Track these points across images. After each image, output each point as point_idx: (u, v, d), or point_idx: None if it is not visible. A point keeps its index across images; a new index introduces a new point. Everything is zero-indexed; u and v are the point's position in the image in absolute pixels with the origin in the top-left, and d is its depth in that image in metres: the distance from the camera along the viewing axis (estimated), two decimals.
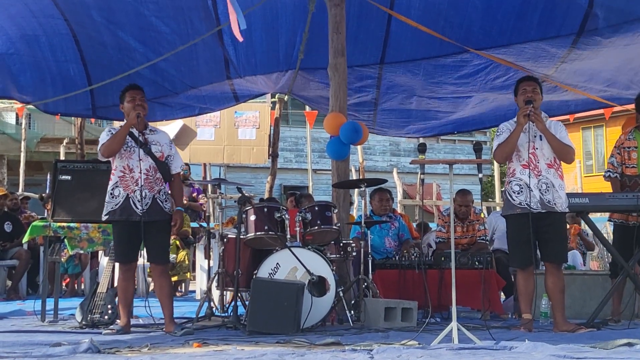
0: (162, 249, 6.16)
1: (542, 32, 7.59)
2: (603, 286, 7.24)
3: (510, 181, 6.15)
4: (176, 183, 6.24)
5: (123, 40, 8.07)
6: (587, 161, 25.67)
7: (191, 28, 7.91)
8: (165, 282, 6.16)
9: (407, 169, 24.04)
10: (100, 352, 4.56)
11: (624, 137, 6.96)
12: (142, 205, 5.91)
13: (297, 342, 5.07)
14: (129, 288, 6.07)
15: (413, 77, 8.69)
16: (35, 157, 19.44)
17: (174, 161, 6.20)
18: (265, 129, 16.01)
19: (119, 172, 6.02)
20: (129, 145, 6.00)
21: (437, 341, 4.94)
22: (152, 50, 8.16)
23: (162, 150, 6.12)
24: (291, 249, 6.37)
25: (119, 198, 5.97)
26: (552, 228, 6.07)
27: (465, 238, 8.22)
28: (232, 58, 8.41)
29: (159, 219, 6.00)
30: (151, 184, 5.99)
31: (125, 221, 5.94)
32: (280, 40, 8.27)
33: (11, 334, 5.74)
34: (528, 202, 5.98)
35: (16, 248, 10.03)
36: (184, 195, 8.53)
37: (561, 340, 5.02)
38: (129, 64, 8.29)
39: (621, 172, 6.89)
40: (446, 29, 7.84)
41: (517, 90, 6.27)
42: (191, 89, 8.88)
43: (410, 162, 5.78)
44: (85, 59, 8.25)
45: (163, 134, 6.34)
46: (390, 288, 7.30)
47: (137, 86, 6.32)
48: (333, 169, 7.67)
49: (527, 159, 6.04)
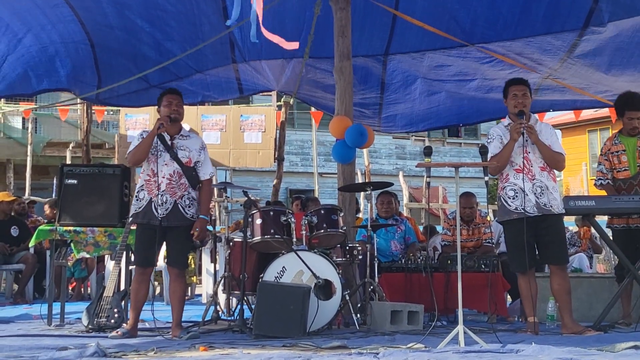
0: (181, 253, 6.16)
1: (547, 26, 7.60)
2: (610, 289, 7.22)
3: (504, 187, 6.14)
4: (204, 190, 6.18)
5: (130, 19, 8.08)
6: (594, 164, 25.59)
7: (197, 8, 7.93)
8: (179, 286, 6.16)
9: (413, 172, 24.00)
10: (107, 355, 4.56)
11: (610, 142, 6.98)
12: (162, 211, 5.92)
13: (303, 346, 5.07)
14: (141, 291, 6.06)
15: (418, 63, 8.71)
16: (41, 161, 19.46)
17: (203, 168, 6.15)
18: (271, 132, 16.03)
19: (145, 175, 6.05)
20: (158, 149, 6.01)
21: (443, 344, 4.93)
22: (158, 30, 8.19)
23: (190, 156, 6.09)
24: (297, 252, 6.37)
25: (143, 201, 6.00)
26: (551, 230, 6.08)
27: (471, 241, 8.21)
28: (237, 40, 8.41)
29: (179, 225, 5.99)
30: (174, 189, 5.99)
31: (147, 224, 5.97)
32: (287, 26, 8.25)
33: (18, 338, 5.74)
34: (524, 207, 5.99)
35: (23, 252, 10.03)
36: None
37: (567, 343, 5.00)
38: (135, 45, 8.32)
39: (612, 178, 6.89)
40: (451, 23, 7.85)
41: (506, 93, 6.27)
42: (196, 72, 8.90)
43: (417, 165, 5.78)
44: (92, 41, 8.27)
45: (196, 139, 6.30)
46: (397, 291, 7.29)
47: (174, 90, 6.33)
48: (339, 172, 7.67)
49: (520, 164, 6.05)
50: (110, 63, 8.55)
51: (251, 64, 8.87)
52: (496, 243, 8.59)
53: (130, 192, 6.93)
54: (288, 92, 10.13)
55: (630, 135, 6.88)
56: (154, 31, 8.25)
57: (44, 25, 7.93)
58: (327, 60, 8.35)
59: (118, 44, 8.40)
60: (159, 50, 8.43)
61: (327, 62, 8.39)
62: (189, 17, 8.03)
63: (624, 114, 6.90)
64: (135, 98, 9.42)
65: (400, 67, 8.91)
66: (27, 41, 8.05)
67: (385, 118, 10.05)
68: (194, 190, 6.09)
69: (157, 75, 8.73)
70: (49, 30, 8.01)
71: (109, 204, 6.82)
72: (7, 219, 10.22)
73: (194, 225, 6.03)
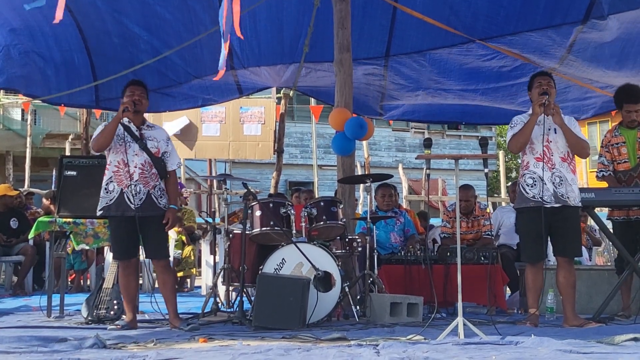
0: (159, 244, 6.10)
1: (547, 19, 7.58)
2: (609, 281, 7.22)
3: (524, 174, 6.12)
4: (172, 181, 6.15)
5: (127, 27, 8.08)
6: (593, 156, 25.52)
7: (194, 16, 7.92)
8: (168, 277, 6.13)
9: (413, 165, 24.05)
10: (106, 347, 4.56)
11: (610, 134, 6.98)
12: (137, 201, 5.87)
13: (302, 338, 5.07)
14: (130, 284, 6.02)
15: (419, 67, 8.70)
16: (40, 153, 19.48)
17: (170, 158, 6.13)
18: (271, 124, 16.01)
19: (113, 166, 5.97)
20: (125, 140, 5.94)
21: (443, 336, 4.94)
22: (156, 38, 8.18)
23: (159, 147, 6.05)
24: (297, 244, 6.37)
25: (114, 193, 5.92)
26: (566, 223, 6.03)
27: (471, 233, 8.21)
28: (235, 48, 8.40)
29: (153, 214, 5.93)
30: (146, 179, 5.94)
31: (121, 217, 5.90)
32: (285, 32, 8.26)
33: (17, 329, 5.74)
34: (541, 196, 5.95)
35: (22, 244, 10.04)
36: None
37: (567, 335, 5.00)
38: (133, 52, 8.30)
39: (613, 170, 6.89)
40: (452, 18, 7.84)
41: (531, 84, 6.25)
42: (195, 78, 8.89)
43: (416, 157, 5.77)
44: (89, 48, 8.26)
45: (160, 130, 6.30)
46: (396, 283, 7.30)
47: (138, 81, 6.28)
48: (338, 164, 7.66)
49: (541, 152, 6.00)
50: (107, 70, 8.47)
51: (250, 69, 8.86)
52: (495, 235, 8.60)
53: None
54: (288, 86, 10.11)
55: (630, 127, 6.88)
56: (152, 39, 8.23)
57: (42, 27, 7.91)
58: (326, 65, 8.33)
59: (115, 52, 8.36)
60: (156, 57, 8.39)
61: (326, 66, 8.37)
62: (187, 25, 8.01)
63: (623, 106, 6.90)
64: None
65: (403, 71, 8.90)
66: (23, 39, 8.03)
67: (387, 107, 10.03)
68: (162, 180, 6.06)
69: (156, 81, 8.68)
70: (46, 32, 7.99)
71: None
72: (6, 211, 10.21)
73: (165, 215, 5.97)
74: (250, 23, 8.02)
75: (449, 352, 4.22)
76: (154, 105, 7.86)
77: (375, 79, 9.13)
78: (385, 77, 8.99)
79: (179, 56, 8.42)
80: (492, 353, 4.17)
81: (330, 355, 4.11)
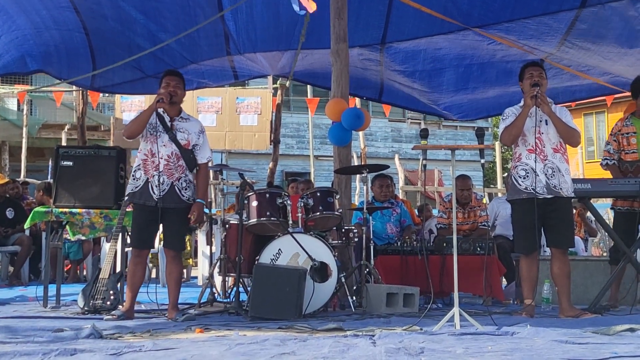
0: (177, 235, 6.11)
1: (544, 6, 7.56)
2: (605, 272, 7.25)
3: (516, 166, 6.12)
4: (201, 173, 6.13)
5: (124, 11, 8.04)
6: (589, 147, 25.64)
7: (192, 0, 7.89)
8: (175, 268, 6.12)
9: (409, 155, 24.04)
10: (103, 337, 4.56)
11: (621, 123, 6.96)
12: (159, 191, 5.89)
13: (299, 328, 5.07)
14: (137, 273, 6.03)
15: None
16: (36, 143, 19.42)
17: (201, 151, 6.11)
18: (267, 115, 16.00)
19: (142, 155, 6.01)
20: (157, 130, 5.97)
21: (439, 326, 4.95)
22: (153, 21, 8.14)
23: (189, 139, 6.04)
24: (293, 235, 6.37)
25: (140, 181, 5.96)
26: (559, 213, 6.04)
27: (467, 224, 8.22)
28: (232, 33, 8.38)
29: (175, 206, 5.95)
30: (171, 171, 5.95)
31: (143, 205, 5.93)
32: (282, 17, 8.22)
33: (13, 319, 5.73)
34: (534, 187, 5.96)
35: (18, 234, 10.03)
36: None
37: (563, 326, 5.02)
38: (129, 36, 8.27)
39: (619, 159, 6.89)
40: (448, 4, 7.82)
41: (522, 74, 6.24)
42: (191, 63, 8.86)
43: (412, 147, 5.76)
44: (87, 29, 8.23)
45: (195, 122, 6.26)
46: (392, 274, 7.30)
47: (174, 72, 6.31)
48: (335, 155, 7.66)
49: (533, 143, 6.01)
50: (105, 51, 8.48)
51: (246, 55, 8.83)
52: (492, 226, 8.61)
53: (126, 174, 6.92)
54: (284, 75, 10.09)
55: None
56: (148, 22, 8.20)
57: (38, 10, 7.88)
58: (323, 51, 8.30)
59: (112, 35, 8.34)
60: (153, 41, 8.35)
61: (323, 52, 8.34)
62: (184, 8, 7.98)
63: (639, 96, 6.88)
64: (130, 87, 9.42)
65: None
66: (21, 23, 8.00)
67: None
68: (191, 173, 6.07)
69: (152, 65, 8.66)
70: (43, 15, 7.96)
71: (104, 185, 6.80)
72: (2, 201, 10.20)
73: (192, 208, 5.99)
74: (246, 7, 8.00)
75: (445, 343, 4.22)
76: (151, 88, 7.80)
77: (372, 63, 9.13)
78: (381, 63, 8.97)
79: (176, 40, 8.40)
80: (488, 343, 4.18)
81: (327, 345, 4.11)
